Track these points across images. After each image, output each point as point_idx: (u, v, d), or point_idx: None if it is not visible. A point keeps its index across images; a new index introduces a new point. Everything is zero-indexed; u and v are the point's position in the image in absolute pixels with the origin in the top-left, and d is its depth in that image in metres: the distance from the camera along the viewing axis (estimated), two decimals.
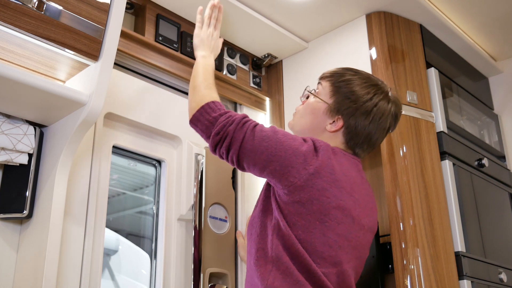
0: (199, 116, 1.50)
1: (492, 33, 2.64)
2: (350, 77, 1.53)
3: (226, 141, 1.42)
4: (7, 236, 1.60)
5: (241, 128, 1.41)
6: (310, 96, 1.59)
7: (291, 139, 1.40)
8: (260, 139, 1.39)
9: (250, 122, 1.44)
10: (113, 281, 2.05)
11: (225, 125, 1.43)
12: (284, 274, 1.30)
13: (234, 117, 1.45)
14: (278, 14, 2.31)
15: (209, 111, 1.49)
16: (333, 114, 1.51)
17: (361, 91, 1.50)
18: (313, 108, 1.55)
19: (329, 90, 1.54)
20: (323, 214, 1.34)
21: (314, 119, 1.54)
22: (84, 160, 1.77)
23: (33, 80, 1.46)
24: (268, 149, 1.37)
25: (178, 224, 2.05)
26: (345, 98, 1.50)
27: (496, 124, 2.81)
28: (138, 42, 2.06)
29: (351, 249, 1.39)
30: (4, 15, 1.39)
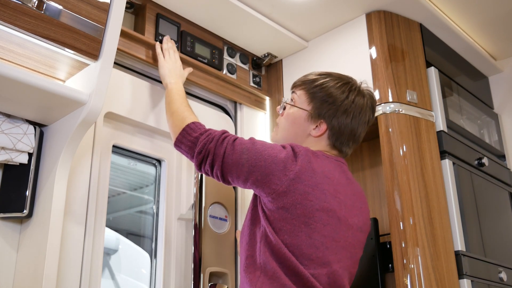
0: (181, 139, 1.57)
1: (492, 32, 2.64)
2: (323, 80, 1.57)
3: (208, 158, 1.48)
4: (7, 235, 1.60)
5: (221, 144, 1.47)
6: (287, 107, 1.63)
7: (270, 148, 1.44)
8: (240, 152, 1.44)
9: (229, 137, 1.49)
10: (113, 280, 2.05)
11: (206, 143, 1.49)
12: (271, 279, 1.34)
13: (213, 134, 1.51)
14: (278, 14, 2.31)
15: (190, 132, 1.56)
16: (315, 119, 1.55)
17: (336, 91, 1.54)
18: (294, 117, 1.59)
19: (305, 97, 1.58)
20: (307, 217, 1.37)
21: (297, 128, 1.58)
22: (84, 160, 1.77)
23: (33, 79, 1.46)
24: (248, 161, 1.42)
25: (178, 223, 2.05)
26: (323, 102, 1.54)
27: (496, 123, 2.81)
28: (138, 41, 2.06)
29: (339, 249, 1.42)
30: (4, 15, 1.39)
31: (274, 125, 2.51)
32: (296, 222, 1.36)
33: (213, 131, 1.54)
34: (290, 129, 1.60)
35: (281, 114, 1.66)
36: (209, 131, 1.54)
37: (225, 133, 1.52)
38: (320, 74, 1.61)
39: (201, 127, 1.58)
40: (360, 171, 2.34)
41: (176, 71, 1.93)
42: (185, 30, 2.27)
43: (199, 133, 1.54)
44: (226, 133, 1.52)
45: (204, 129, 1.57)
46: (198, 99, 2.33)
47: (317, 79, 1.58)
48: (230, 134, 1.52)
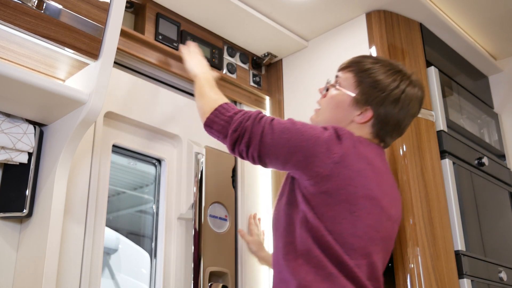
0: (213, 118, 1.46)
1: (492, 32, 2.64)
2: (372, 65, 1.47)
3: (244, 137, 1.38)
4: (7, 235, 1.60)
5: (258, 123, 1.38)
6: (330, 89, 1.53)
7: (311, 129, 1.36)
8: (280, 132, 1.35)
9: (267, 117, 1.41)
10: (113, 280, 2.05)
11: (242, 121, 1.39)
12: (316, 268, 1.25)
13: (250, 113, 1.42)
14: (278, 13, 2.31)
15: (223, 111, 1.46)
16: (361, 105, 1.45)
17: (386, 79, 1.45)
18: (337, 101, 1.49)
19: (352, 81, 1.48)
20: (351, 204, 1.29)
21: (340, 112, 1.48)
22: (84, 159, 1.77)
23: (32, 79, 1.46)
24: (289, 141, 1.33)
25: (178, 223, 2.05)
26: (371, 88, 1.44)
27: (496, 123, 2.81)
28: (138, 41, 2.06)
29: (379, 240, 1.35)
30: (3, 14, 1.39)
31: None
32: (339, 208, 1.29)
33: (249, 111, 1.45)
34: (332, 112, 1.50)
35: (323, 96, 1.57)
36: (244, 110, 1.45)
37: (261, 113, 1.43)
38: (369, 57, 1.52)
39: (235, 107, 1.49)
40: None
41: (203, 64, 1.85)
42: (185, 30, 2.26)
43: (233, 112, 1.44)
44: (262, 113, 1.44)
45: (238, 109, 1.47)
46: None
47: (366, 63, 1.49)
48: (266, 115, 1.43)
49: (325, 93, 1.55)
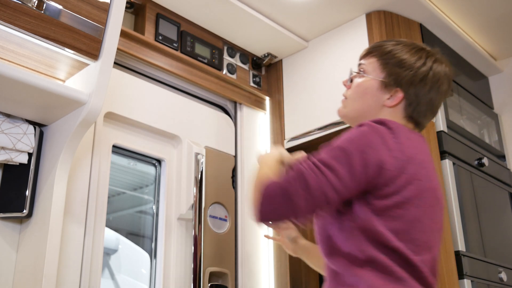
0: (268, 204, 1.19)
1: (492, 33, 2.64)
2: (394, 46, 1.42)
3: (314, 197, 1.17)
4: (6, 235, 1.60)
5: (315, 175, 1.17)
6: (355, 78, 1.45)
7: (359, 138, 1.22)
8: (343, 170, 1.18)
9: (310, 162, 1.20)
10: (113, 280, 2.05)
11: (301, 184, 1.17)
12: (385, 274, 1.19)
13: (298, 172, 1.18)
14: (278, 13, 2.31)
15: (274, 188, 1.19)
16: (389, 87, 1.38)
17: (412, 57, 1.39)
18: (365, 88, 1.41)
19: (377, 65, 1.41)
20: (417, 199, 1.23)
21: (369, 99, 1.40)
22: (84, 160, 1.77)
23: (33, 79, 1.46)
24: (358, 162, 1.19)
25: (178, 223, 2.05)
26: (398, 68, 1.38)
27: (496, 124, 2.81)
28: (138, 41, 2.06)
29: (437, 232, 1.30)
30: (4, 14, 1.39)
31: (274, 125, 2.51)
32: (407, 206, 1.22)
33: (291, 172, 1.19)
34: (361, 100, 1.41)
35: (347, 87, 1.48)
36: (287, 176, 1.19)
37: (300, 164, 1.20)
38: (390, 40, 1.46)
39: (277, 179, 1.22)
40: None
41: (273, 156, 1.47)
42: (185, 30, 2.27)
43: (283, 185, 1.18)
44: (300, 163, 1.21)
45: (283, 179, 1.20)
46: (198, 99, 2.33)
47: (387, 45, 1.43)
48: (305, 161, 1.21)
49: (349, 84, 1.48)
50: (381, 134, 1.24)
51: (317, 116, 2.33)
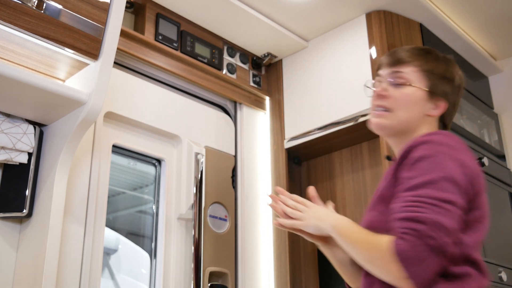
0: (421, 270, 1.07)
1: (492, 32, 2.64)
2: (431, 56, 1.42)
3: (455, 235, 1.11)
4: (6, 235, 1.60)
5: (448, 217, 1.09)
6: (399, 87, 1.37)
7: (451, 160, 1.18)
8: (458, 198, 1.13)
9: (427, 204, 1.11)
10: (113, 280, 2.05)
11: (442, 232, 1.08)
12: (463, 282, 1.16)
13: (427, 220, 1.09)
14: (278, 13, 2.31)
15: (417, 250, 1.08)
16: (434, 98, 1.37)
17: (449, 67, 1.41)
18: (414, 98, 1.37)
19: (421, 75, 1.38)
20: (485, 209, 1.23)
21: (416, 110, 1.37)
22: (84, 159, 1.77)
23: (32, 79, 1.46)
24: (463, 191, 1.16)
25: (178, 223, 2.05)
26: (442, 79, 1.39)
27: (496, 123, 2.81)
28: (138, 41, 2.06)
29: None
30: (4, 14, 1.39)
31: (274, 125, 2.50)
32: (483, 219, 1.22)
33: (417, 225, 1.08)
34: (409, 110, 1.36)
35: (384, 96, 1.37)
36: (419, 227, 1.08)
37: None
38: (418, 48, 1.44)
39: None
40: (360, 171, 2.34)
41: (324, 211, 1.36)
42: (185, 30, 2.26)
43: (429, 243, 1.06)
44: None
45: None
46: (198, 98, 2.33)
47: (427, 54, 1.42)
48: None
49: (386, 93, 1.38)
50: (462, 148, 1.24)
51: (317, 116, 2.33)
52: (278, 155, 2.44)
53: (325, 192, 2.42)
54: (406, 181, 1.17)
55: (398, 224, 1.10)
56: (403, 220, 1.09)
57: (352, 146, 2.40)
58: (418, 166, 1.17)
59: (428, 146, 1.21)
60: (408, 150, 1.22)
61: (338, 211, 1.37)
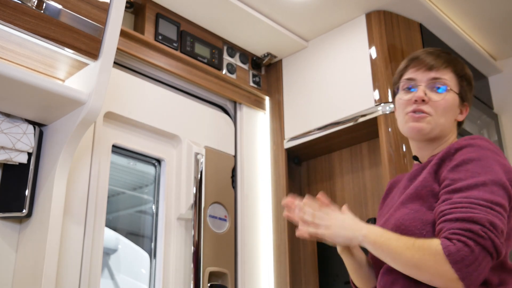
0: (476, 273, 1.06)
1: (492, 33, 2.64)
2: (458, 59, 1.45)
3: (503, 236, 1.10)
4: (6, 235, 1.60)
5: (499, 219, 1.09)
6: (443, 92, 1.37)
7: (498, 164, 1.18)
8: (505, 201, 1.13)
9: (481, 207, 1.10)
10: (112, 280, 2.04)
11: (495, 233, 1.07)
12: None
13: (482, 220, 1.08)
14: (278, 13, 2.31)
15: (474, 253, 1.06)
16: (461, 103, 1.41)
17: (469, 71, 1.44)
18: (452, 103, 1.38)
19: (455, 80, 1.41)
20: None
21: (452, 115, 1.38)
22: (83, 159, 1.77)
23: (32, 79, 1.46)
24: (510, 195, 1.15)
25: (177, 223, 2.05)
26: (468, 84, 1.43)
27: (496, 124, 2.81)
28: (138, 41, 2.06)
29: None
30: (3, 14, 1.39)
31: (274, 125, 2.50)
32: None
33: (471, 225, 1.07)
34: (447, 116, 1.36)
35: (424, 101, 1.34)
36: (474, 227, 1.06)
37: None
38: (446, 51, 1.45)
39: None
40: (360, 171, 2.34)
41: (350, 219, 1.29)
42: (185, 30, 2.26)
43: (484, 244, 1.05)
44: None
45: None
46: (198, 98, 2.33)
47: (455, 58, 1.44)
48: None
49: (423, 96, 1.36)
50: (502, 153, 1.24)
51: (317, 116, 2.33)
52: (278, 155, 2.44)
53: (324, 192, 2.41)
54: (452, 182, 1.16)
55: (450, 225, 1.09)
56: (456, 221, 1.08)
57: (352, 146, 2.40)
58: (466, 168, 1.17)
59: (473, 149, 1.21)
60: (451, 152, 1.23)
61: None
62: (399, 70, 1.44)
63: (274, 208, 2.37)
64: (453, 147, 1.23)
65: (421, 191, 1.23)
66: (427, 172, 1.25)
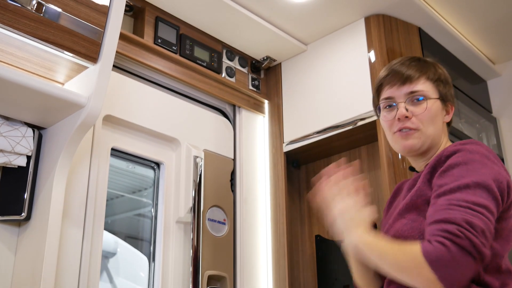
0: (455, 273, 1.04)
1: (490, 36, 2.65)
2: (428, 63, 1.44)
3: (489, 239, 1.09)
4: (5, 238, 1.60)
5: (482, 220, 1.08)
6: (423, 103, 1.37)
7: (486, 166, 1.18)
8: (492, 204, 1.12)
9: (459, 207, 1.10)
10: (111, 284, 2.04)
11: (479, 235, 1.06)
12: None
13: (463, 221, 1.07)
14: (277, 17, 2.32)
15: (454, 252, 1.04)
16: (445, 104, 1.41)
17: (443, 70, 1.44)
18: (434, 110, 1.38)
19: (431, 86, 1.39)
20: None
21: (438, 121, 1.39)
22: (82, 163, 1.77)
23: (32, 82, 1.46)
24: (497, 199, 1.14)
25: (176, 226, 2.05)
26: (446, 84, 1.41)
27: (495, 127, 2.81)
28: (137, 44, 2.06)
29: None
30: (3, 17, 1.39)
31: (273, 128, 2.50)
32: (511, 226, 1.22)
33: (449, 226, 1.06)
34: (434, 124, 1.37)
35: (407, 118, 1.35)
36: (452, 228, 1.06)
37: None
38: (414, 58, 1.45)
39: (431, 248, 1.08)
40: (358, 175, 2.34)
41: (349, 213, 1.29)
42: (184, 33, 2.27)
43: (465, 244, 1.04)
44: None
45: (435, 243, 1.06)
46: (197, 102, 2.33)
47: (425, 62, 1.43)
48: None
49: (406, 113, 1.36)
50: (494, 156, 1.23)
51: (316, 120, 2.33)
52: (277, 159, 2.44)
53: None
54: (438, 188, 1.17)
55: (429, 228, 1.10)
56: (434, 223, 1.09)
57: (351, 150, 2.40)
58: (451, 172, 1.18)
59: (461, 154, 1.21)
60: (441, 159, 1.23)
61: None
62: (375, 88, 1.43)
63: (273, 211, 2.37)
64: (444, 154, 1.24)
65: (417, 201, 1.24)
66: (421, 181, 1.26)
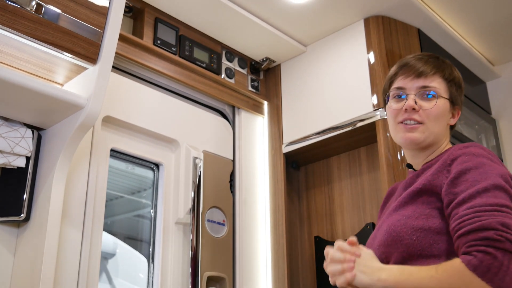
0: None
1: (490, 38, 2.65)
2: (446, 63, 1.43)
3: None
4: (4, 239, 1.60)
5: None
6: (431, 100, 1.36)
7: (497, 169, 1.19)
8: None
9: (488, 212, 1.10)
10: (110, 284, 2.04)
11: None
12: None
13: (500, 224, 1.06)
14: (277, 18, 2.32)
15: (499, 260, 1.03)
16: (452, 107, 1.40)
17: (458, 74, 1.43)
18: (443, 110, 1.37)
19: (444, 85, 1.39)
20: None
21: (444, 121, 1.38)
22: (82, 163, 1.77)
23: (31, 83, 1.46)
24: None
25: (175, 227, 2.05)
26: (458, 88, 1.41)
27: (494, 129, 2.82)
28: (137, 45, 2.06)
29: None
30: (2, 18, 1.39)
31: (272, 129, 2.51)
32: None
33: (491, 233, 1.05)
34: (440, 123, 1.37)
35: (415, 110, 1.34)
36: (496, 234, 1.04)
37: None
38: (433, 56, 1.45)
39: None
40: (358, 176, 2.34)
41: (368, 260, 1.20)
42: (184, 35, 2.27)
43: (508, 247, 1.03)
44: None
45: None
46: (196, 103, 2.33)
47: (443, 62, 1.43)
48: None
49: (414, 105, 1.35)
50: (497, 158, 1.24)
51: (315, 121, 2.34)
52: (276, 160, 2.44)
53: (323, 197, 2.42)
54: (454, 197, 1.15)
55: (464, 239, 1.07)
56: (467, 234, 1.07)
57: (350, 151, 2.40)
58: (465, 178, 1.17)
59: (468, 158, 1.21)
60: (447, 163, 1.23)
61: (336, 216, 1.38)
62: (388, 77, 1.43)
63: (272, 212, 2.37)
64: (448, 158, 1.23)
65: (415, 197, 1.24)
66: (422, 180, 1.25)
